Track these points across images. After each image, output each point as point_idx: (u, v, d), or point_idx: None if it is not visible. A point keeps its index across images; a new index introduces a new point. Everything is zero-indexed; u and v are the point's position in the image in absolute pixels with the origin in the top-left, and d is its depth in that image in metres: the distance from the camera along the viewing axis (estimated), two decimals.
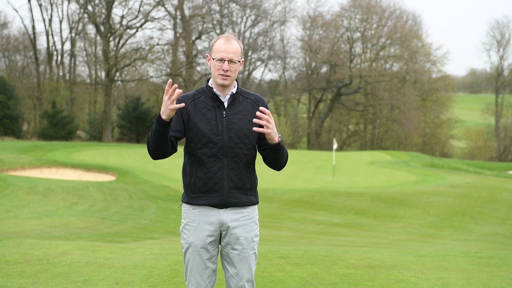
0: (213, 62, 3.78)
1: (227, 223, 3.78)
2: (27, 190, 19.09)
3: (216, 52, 3.76)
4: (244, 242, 3.82)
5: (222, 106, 3.80)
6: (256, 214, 3.92)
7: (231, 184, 3.76)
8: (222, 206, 3.77)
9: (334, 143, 27.76)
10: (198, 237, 3.81)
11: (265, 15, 53.92)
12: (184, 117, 3.78)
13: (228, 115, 3.79)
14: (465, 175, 29.77)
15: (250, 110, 3.83)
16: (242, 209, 3.82)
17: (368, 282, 6.47)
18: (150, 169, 27.05)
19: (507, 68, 66.14)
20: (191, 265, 3.86)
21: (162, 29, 48.61)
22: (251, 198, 3.86)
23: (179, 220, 17.44)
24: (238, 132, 3.76)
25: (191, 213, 3.84)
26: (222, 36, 3.81)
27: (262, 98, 3.92)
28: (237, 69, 3.79)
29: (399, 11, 58.79)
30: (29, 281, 6.07)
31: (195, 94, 3.85)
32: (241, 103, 3.85)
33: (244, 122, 3.79)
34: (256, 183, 3.92)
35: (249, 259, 3.84)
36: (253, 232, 3.87)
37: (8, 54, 52.72)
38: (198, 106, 3.79)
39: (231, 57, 3.75)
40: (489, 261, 8.05)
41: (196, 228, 3.81)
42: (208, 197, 3.76)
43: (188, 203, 3.84)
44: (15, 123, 43.27)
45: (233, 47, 3.77)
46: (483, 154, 58.91)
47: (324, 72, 58.20)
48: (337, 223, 18.18)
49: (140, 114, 45.48)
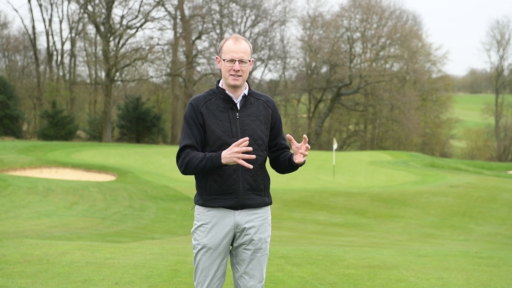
0: (224, 63, 3.77)
1: (242, 224, 3.78)
2: (27, 190, 19.08)
3: (226, 53, 3.76)
4: (258, 243, 3.81)
5: (235, 107, 3.79)
6: (269, 214, 3.92)
7: (246, 185, 3.75)
8: (237, 207, 3.76)
9: (334, 143, 27.75)
10: (212, 239, 3.78)
11: (265, 15, 53.92)
12: (200, 121, 3.78)
13: (241, 116, 3.78)
14: (465, 175, 29.77)
15: (262, 111, 3.84)
16: (256, 210, 3.82)
17: (368, 282, 6.47)
18: (150, 169, 27.06)
19: (507, 68, 66.15)
20: (202, 267, 3.82)
21: (162, 29, 48.62)
22: (265, 199, 3.86)
23: (179, 220, 17.48)
24: (252, 133, 3.76)
25: (205, 215, 3.80)
26: (230, 37, 3.81)
27: (273, 100, 3.94)
28: (247, 69, 3.79)
29: (399, 11, 58.84)
30: (29, 281, 6.07)
31: (206, 96, 3.83)
32: (253, 104, 3.84)
33: (257, 124, 3.79)
34: (269, 183, 3.92)
35: (261, 259, 3.84)
36: (266, 233, 3.87)
37: (8, 54, 52.73)
38: (211, 108, 3.78)
39: (241, 56, 3.74)
40: (489, 261, 8.05)
41: (211, 230, 3.78)
42: (223, 199, 3.74)
43: (203, 205, 3.81)
44: (15, 123, 43.28)
45: (242, 47, 3.76)
46: (483, 154, 58.90)
47: (324, 72, 58.18)
48: (337, 223, 18.18)
49: (140, 114, 45.47)
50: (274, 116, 3.89)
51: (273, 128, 3.89)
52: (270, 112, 3.87)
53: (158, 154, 34.25)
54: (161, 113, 49.51)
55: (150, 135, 46.88)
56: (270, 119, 3.86)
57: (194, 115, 3.78)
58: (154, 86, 55.25)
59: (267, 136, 3.84)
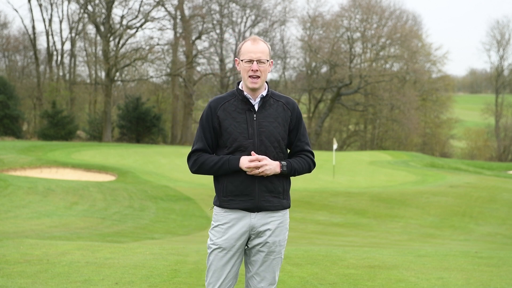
0: (242, 64, 3.78)
1: (257, 227, 3.77)
2: (27, 190, 19.08)
3: (244, 54, 3.77)
4: (272, 245, 3.81)
5: (253, 109, 3.79)
6: (287, 218, 3.89)
7: (262, 187, 3.74)
8: (253, 210, 3.75)
9: (334, 143, 27.74)
10: (227, 240, 3.78)
11: (265, 15, 53.92)
12: (215, 124, 3.78)
13: (259, 118, 3.77)
14: (465, 175, 29.76)
15: (281, 113, 3.82)
16: (273, 213, 3.80)
17: (368, 282, 6.47)
18: (150, 169, 27.05)
19: (507, 68, 66.14)
20: (214, 267, 3.81)
21: (162, 29, 48.62)
22: (283, 201, 3.84)
23: (179, 220, 17.49)
24: (269, 135, 3.75)
25: (222, 216, 3.81)
26: (248, 38, 3.82)
27: (293, 101, 3.91)
28: (266, 70, 3.78)
29: (399, 11, 58.83)
30: (29, 281, 6.06)
31: (226, 97, 3.85)
32: (272, 105, 3.83)
33: (274, 125, 3.78)
34: (289, 186, 3.89)
35: (273, 262, 3.84)
36: (281, 236, 3.85)
37: (8, 54, 52.73)
38: (228, 110, 3.79)
39: (259, 56, 3.75)
40: (489, 261, 8.05)
41: (226, 231, 3.78)
42: (240, 200, 3.75)
43: (220, 206, 3.82)
44: (15, 123, 43.28)
45: (260, 47, 3.77)
46: (483, 154, 58.89)
47: (324, 72, 58.18)
48: (337, 223, 18.18)
49: (140, 114, 45.48)
50: (293, 118, 3.86)
51: (291, 131, 3.87)
52: (289, 114, 3.85)
53: (158, 154, 34.26)
54: (161, 113, 49.52)
55: (150, 135, 46.88)
56: (288, 121, 3.84)
57: (210, 118, 3.80)
58: (154, 86, 55.25)
59: (285, 138, 3.82)
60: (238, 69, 3.84)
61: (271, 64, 3.84)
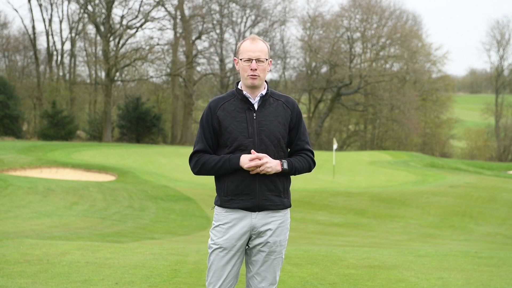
0: (241, 64, 3.79)
1: (258, 227, 3.77)
2: (27, 190, 19.08)
3: (243, 53, 3.78)
4: (273, 245, 3.81)
5: (252, 108, 3.80)
6: (288, 218, 3.89)
7: (263, 186, 3.75)
8: (254, 209, 3.75)
9: (334, 143, 27.73)
10: (227, 240, 3.78)
11: (265, 15, 53.93)
12: (214, 124, 3.79)
13: (259, 117, 3.78)
14: (465, 175, 29.76)
15: (281, 112, 3.83)
16: (274, 213, 3.81)
17: (368, 282, 6.47)
18: (150, 169, 27.05)
19: (507, 68, 66.14)
20: (215, 267, 3.81)
21: (162, 29, 48.62)
22: (284, 200, 3.84)
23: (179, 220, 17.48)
24: (269, 134, 3.76)
25: (223, 215, 3.82)
26: (247, 37, 3.83)
27: (293, 100, 3.91)
28: (265, 69, 3.79)
29: (399, 11, 58.83)
30: (29, 281, 6.06)
31: (225, 97, 3.85)
32: (272, 104, 3.84)
33: (274, 124, 3.78)
34: (289, 185, 3.90)
35: (274, 262, 3.84)
36: (282, 236, 3.86)
37: (8, 54, 52.74)
38: (228, 109, 3.79)
39: (258, 55, 3.76)
40: (489, 261, 8.05)
41: (227, 231, 3.79)
42: (240, 200, 3.75)
43: (221, 206, 3.82)
44: (15, 123, 43.29)
45: (259, 46, 3.78)
46: (483, 154, 58.89)
47: (324, 72, 58.19)
48: (337, 223, 18.18)
49: (140, 114, 45.48)
50: (293, 116, 3.87)
51: (292, 129, 3.88)
52: (289, 113, 3.86)
53: (158, 154, 34.26)
54: (161, 113, 49.52)
55: (150, 135, 46.89)
56: (288, 120, 3.85)
57: (210, 118, 3.81)
58: (154, 86, 55.26)
59: (285, 137, 3.83)
60: (237, 68, 3.85)
61: (270, 63, 3.84)
